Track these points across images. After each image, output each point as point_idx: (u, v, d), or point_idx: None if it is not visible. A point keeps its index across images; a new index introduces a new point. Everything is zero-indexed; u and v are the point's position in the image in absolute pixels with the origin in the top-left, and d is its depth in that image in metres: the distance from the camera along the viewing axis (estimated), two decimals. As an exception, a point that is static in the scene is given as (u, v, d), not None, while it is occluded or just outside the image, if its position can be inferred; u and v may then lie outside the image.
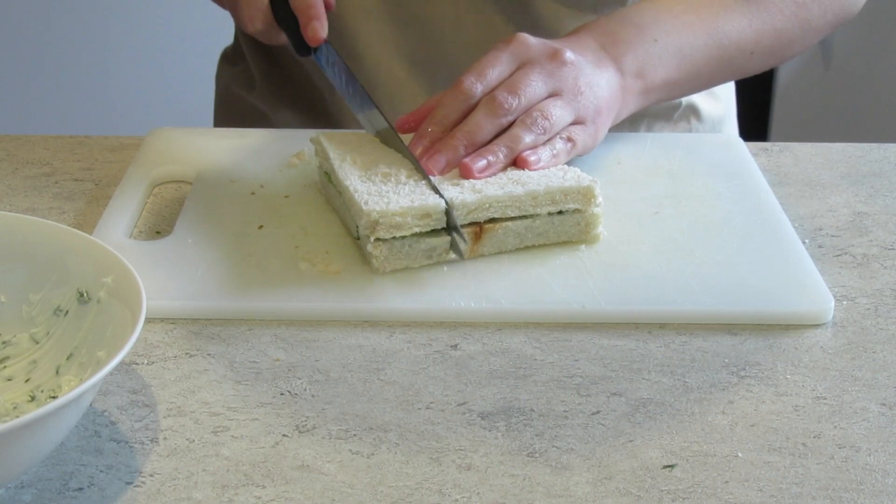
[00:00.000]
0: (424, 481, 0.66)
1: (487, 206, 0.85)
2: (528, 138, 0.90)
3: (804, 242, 0.90)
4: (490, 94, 0.91)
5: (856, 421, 0.72)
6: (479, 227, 0.85)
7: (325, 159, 0.92)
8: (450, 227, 0.84)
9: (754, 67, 1.07)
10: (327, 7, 0.95)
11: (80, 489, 0.65)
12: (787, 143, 1.10)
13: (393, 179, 0.87)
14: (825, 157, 1.07)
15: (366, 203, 0.83)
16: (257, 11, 0.97)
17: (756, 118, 2.49)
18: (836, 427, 0.72)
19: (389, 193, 0.85)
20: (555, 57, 0.94)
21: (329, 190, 0.92)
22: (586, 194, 0.86)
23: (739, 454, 0.69)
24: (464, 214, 0.84)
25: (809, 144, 1.10)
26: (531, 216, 0.86)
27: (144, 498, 0.65)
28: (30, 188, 0.99)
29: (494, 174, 0.88)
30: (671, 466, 0.68)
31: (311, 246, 0.87)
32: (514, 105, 0.90)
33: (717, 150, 1.04)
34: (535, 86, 0.92)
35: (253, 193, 0.95)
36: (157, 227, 0.92)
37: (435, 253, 0.85)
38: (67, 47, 2.59)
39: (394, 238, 0.83)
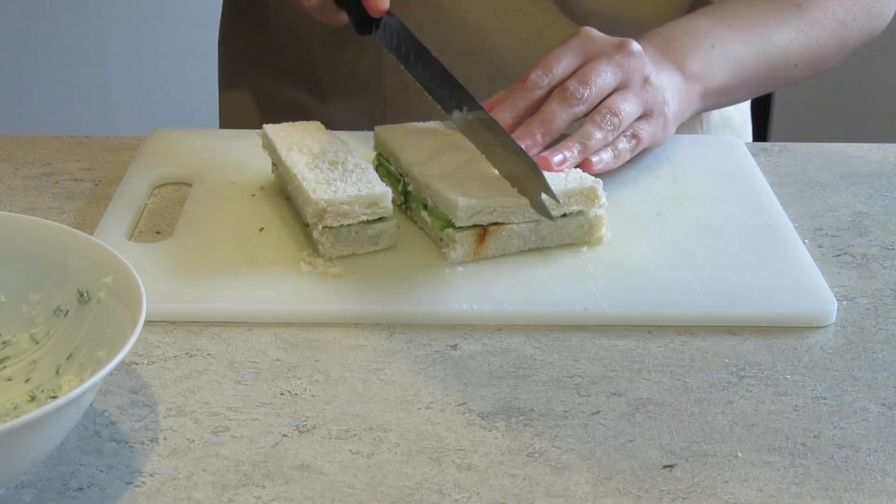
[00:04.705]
0: (424, 481, 0.66)
1: (491, 210, 0.85)
2: (598, 135, 0.93)
3: (804, 242, 0.90)
4: (562, 85, 0.94)
5: (856, 421, 0.72)
6: (483, 230, 0.85)
7: (273, 150, 0.93)
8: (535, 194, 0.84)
9: (795, 79, 1.10)
10: None
11: (80, 489, 0.65)
12: (787, 143, 1.10)
13: (340, 167, 0.88)
14: (825, 157, 1.07)
15: (314, 191, 0.84)
16: None
17: (756, 118, 2.49)
18: (836, 427, 0.72)
19: (337, 181, 0.86)
20: (621, 47, 0.96)
21: (282, 181, 0.93)
22: (589, 195, 0.87)
23: (739, 454, 0.69)
24: (468, 216, 0.84)
25: (809, 144, 1.10)
26: (535, 220, 0.86)
27: (144, 498, 0.65)
28: (30, 188, 0.99)
29: (570, 167, 0.90)
30: (671, 466, 0.68)
31: (312, 248, 0.87)
32: (586, 95, 0.93)
33: (718, 151, 1.04)
34: (604, 76, 0.94)
35: (253, 195, 0.95)
36: (158, 227, 0.92)
37: (381, 239, 0.86)
38: (67, 47, 2.59)
39: (340, 225, 0.84)
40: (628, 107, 0.94)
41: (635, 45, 0.96)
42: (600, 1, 1.10)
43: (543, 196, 0.84)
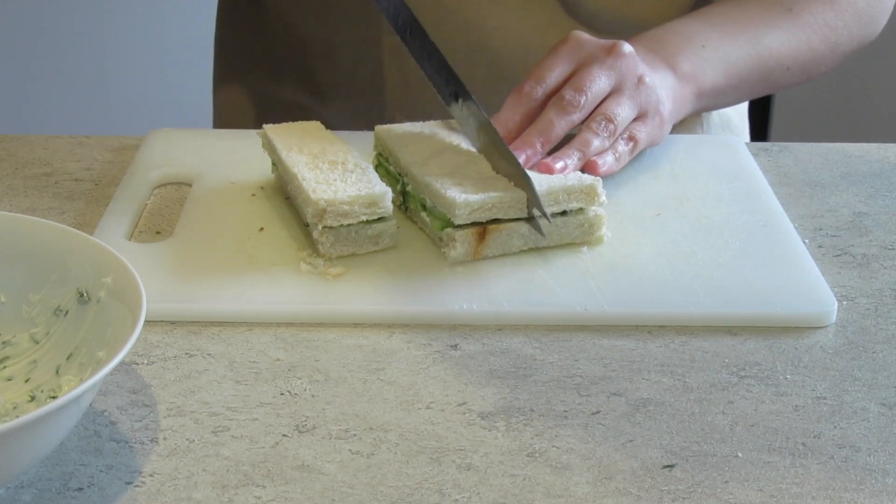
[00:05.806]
0: (424, 481, 0.66)
1: (490, 206, 0.85)
2: (596, 142, 0.93)
3: (804, 242, 0.90)
4: (558, 94, 0.94)
5: (856, 421, 0.72)
6: (482, 229, 0.85)
7: (272, 150, 0.93)
8: (531, 211, 0.85)
9: (788, 82, 1.10)
10: None
11: (80, 489, 0.65)
12: (787, 143, 1.10)
13: (340, 167, 0.88)
14: (825, 157, 1.07)
15: (314, 191, 0.85)
16: None
17: (756, 118, 2.49)
18: (836, 427, 0.72)
19: (337, 181, 0.86)
20: (612, 50, 0.96)
21: (282, 181, 0.93)
22: (589, 193, 0.87)
23: (739, 454, 0.69)
24: (466, 214, 0.84)
25: (809, 144, 1.10)
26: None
27: (144, 498, 0.65)
28: (30, 188, 0.99)
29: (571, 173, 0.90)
30: (671, 466, 0.68)
31: (312, 248, 0.87)
32: (582, 101, 0.93)
33: (718, 151, 1.04)
34: (598, 81, 0.94)
35: (253, 195, 0.95)
36: (158, 227, 0.92)
37: (381, 239, 0.86)
38: (67, 47, 2.59)
39: (340, 225, 0.84)
40: (623, 111, 0.95)
41: (626, 47, 0.97)
42: (603, 1, 1.10)
43: (535, 213, 0.85)
